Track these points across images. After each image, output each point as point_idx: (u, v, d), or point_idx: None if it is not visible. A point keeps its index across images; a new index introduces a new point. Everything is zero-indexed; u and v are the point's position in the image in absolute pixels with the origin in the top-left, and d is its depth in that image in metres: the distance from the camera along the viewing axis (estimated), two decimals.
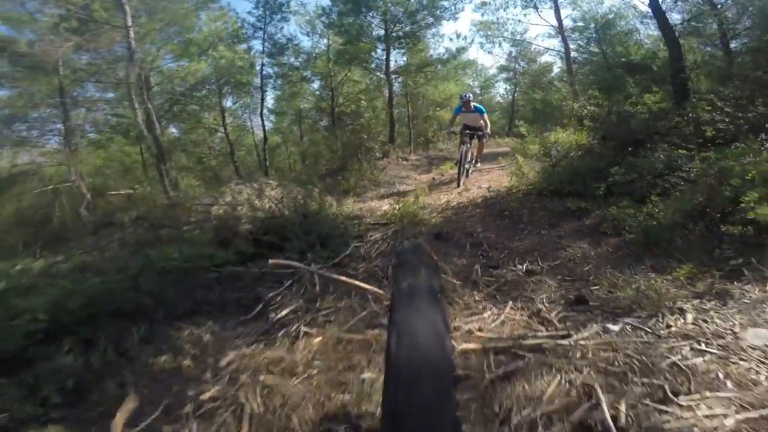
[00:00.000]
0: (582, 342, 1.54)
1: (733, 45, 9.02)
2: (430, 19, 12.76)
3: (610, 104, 4.85)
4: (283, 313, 1.97)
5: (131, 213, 3.07)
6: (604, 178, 3.38)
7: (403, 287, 0.72)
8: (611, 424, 1.16)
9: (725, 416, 1.16)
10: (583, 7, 15.88)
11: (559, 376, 1.38)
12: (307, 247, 2.68)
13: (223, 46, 10.95)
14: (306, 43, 24.27)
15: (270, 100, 17.97)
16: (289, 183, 4.71)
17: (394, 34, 12.26)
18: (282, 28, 12.22)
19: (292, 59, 12.78)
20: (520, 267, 2.40)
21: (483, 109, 6.46)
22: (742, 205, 2.11)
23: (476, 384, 1.41)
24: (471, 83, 24.07)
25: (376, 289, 2.12)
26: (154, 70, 10.46)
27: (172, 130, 17.12)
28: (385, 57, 12.71)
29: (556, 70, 20.32)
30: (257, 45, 12.58)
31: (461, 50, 15.13)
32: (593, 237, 2.74)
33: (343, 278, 2.30)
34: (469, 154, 6.27)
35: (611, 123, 4.63)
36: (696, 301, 1.76)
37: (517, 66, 22.36)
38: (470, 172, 6.57)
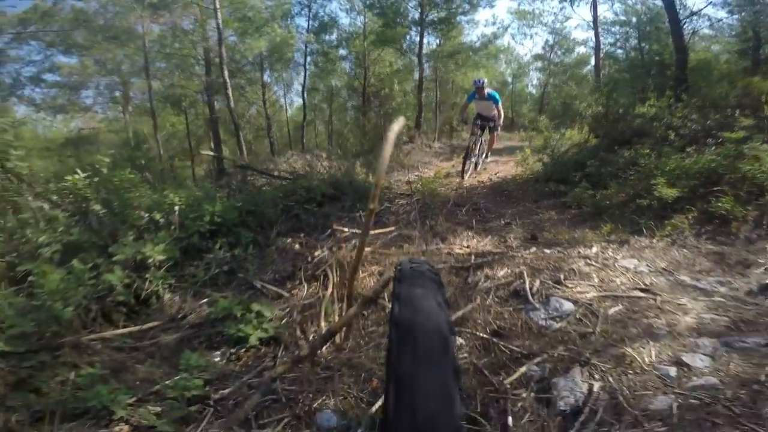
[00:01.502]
0: (525, 255, 2.66)
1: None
2: (467, 6, 13.32)
3: (607, 105, 5.73)
4: (344, 235, 3.16)
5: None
6: (582, 168, 4.42)
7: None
8: (528, 290, 2.27)
9: (588, 292, 2.25)
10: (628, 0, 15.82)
11: (507, 268, 2.51)
12: (355, 201, 3.86)
13: (276, 25, 11.92)
14: (344, 20, 24.89)
15: (302, 76, 18.81)
16: (335, 157, 5.89)
17: (429, 18, 12.88)
18: (326, 6, 13.12)
19: (333, 37, 13.69)
20: (502, 222, 3.53)
21: (498, 97, 6.07)
22: (653, 186, 3.16)
23: (462, 269, 2.57)
24: (503, 71, 24.48)
25: (387, 230, 3.32)
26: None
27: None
28: (418, 40, 13.33)
29: (594, 61, 20.54)
30: (301, 22, 13.59)
31: (496, 36, 15.45)
32: (560, 209, 3.84)
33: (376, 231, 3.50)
34: (478, 146, 5.97)
35: (606, 124, 5.57)
36: (604, 243, 2.85)
37: (552, 55, 22.53)
38: (479, 166, 6.31)
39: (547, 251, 2.73)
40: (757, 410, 1.43)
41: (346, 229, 3.06)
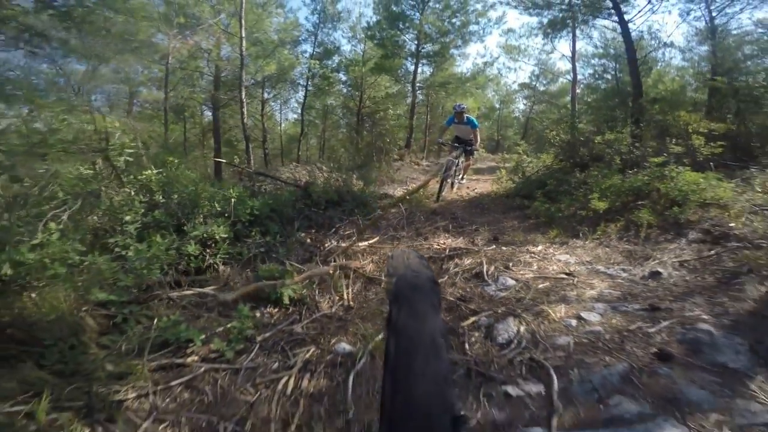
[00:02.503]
0: (486, 250, 3.48)
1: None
2: (459, 42, 14.58)
3: (572, 134, 6.69)
4: (346, 233, 3.94)
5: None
6: (544, 187, 5.31)
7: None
8: (485, 272, 3.08)
9: (527, 274, 3.06)
10: (607, 34, 17.08)
11: (471, 259, 3.32)
12: (354, 207, 4.65)
13: (285, 50, 12.86)
14: (345, 46, 26.05)
15: (300, 94, 19.78)
16: (334, 169, 6.71)
17: (424, 51, 14.06)
18: (331, 35, 14.11)
19: (334, 62, 14.70)
20: (473, 227, 4.35)
21: (476, 122, 6.38)
22: (590, 199, 4.04)
23: (439, 258, 3.36)
24: (491, 97, 25.93)
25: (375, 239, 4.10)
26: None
27: (207, 113, 19.28)
28: (413, 69, 14.48)
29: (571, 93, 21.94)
30: (306, 47, 14.67)
31: (488, 64, 16.69)
32: (522, 219, 4.70)
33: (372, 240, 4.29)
34: (454, 168, 6.22)
35: (570, 149, 6.51)
36: (548, 244, 3.69)
37: (537, 84, 24.04)
38: (455, 186, 6.62)
39: (504, 248, 3.56)
40: (623, 346, 2.22)
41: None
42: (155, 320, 2.47)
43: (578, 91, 16.92)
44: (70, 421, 1.70)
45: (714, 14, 12.91)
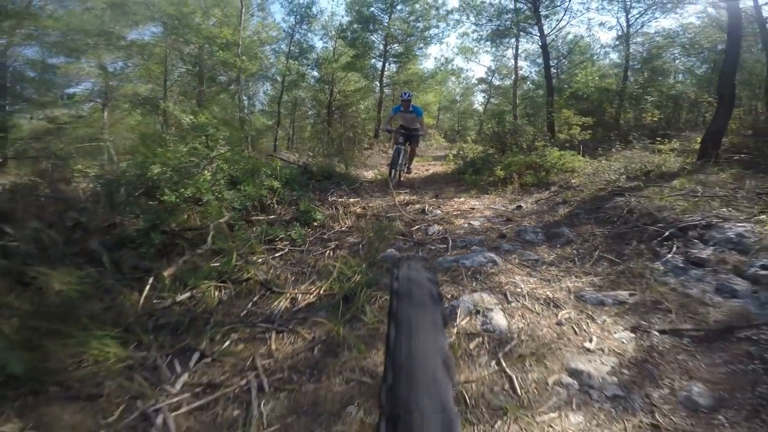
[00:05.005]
0: (429, 201, 6.19)
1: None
2: (421, 44, 17.34)
3: (499, 125, 9.54)
4: (339, 194, 6.51)
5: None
6: (475, 165, 8.10)
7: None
8: (426, 209, 5.76)
9: (449, 209, 5.79)
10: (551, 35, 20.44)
11: (419, 204, 6.02)
12: (341, 180, 7.21)
13: (267, 51, 15.08)
14: (318, 44, 28.21)
15: (268, 86, 21.88)
16: (317, 155, 9.24)
17: (391, 51, 16.65)
18: (307, 34, 16.48)
19: (307, 60, 17.04)
20: (424, 191, 7.05)
21: (421, 111, 7.05)
22: (495, 170, 6.85)
23: (401, 204, 6.04)
24: (451, 90, 28.97)
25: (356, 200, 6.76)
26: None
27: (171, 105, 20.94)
28: (380, 67, 17.05)
29: (525, 87, 25.28)
30: (282, 46, 16.92)
31: (447, 61, 19.54)
32: (457, 186, 7.47)
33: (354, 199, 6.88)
34: (401, 156, 6.95)
35: (497, 138, 9.35)
36: (467, 197, 6.44)
37: (492, 79, 27.23)
38: (403, 175, 7.67)
39: (440, 200, 6.27)
40: (485, 233, 4.92)
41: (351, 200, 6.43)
42: (254, 228, 4.94)
43: (526, 86, 20.15)
44: (245, 265, 4.11)
45: (629, 24, 16.29)
